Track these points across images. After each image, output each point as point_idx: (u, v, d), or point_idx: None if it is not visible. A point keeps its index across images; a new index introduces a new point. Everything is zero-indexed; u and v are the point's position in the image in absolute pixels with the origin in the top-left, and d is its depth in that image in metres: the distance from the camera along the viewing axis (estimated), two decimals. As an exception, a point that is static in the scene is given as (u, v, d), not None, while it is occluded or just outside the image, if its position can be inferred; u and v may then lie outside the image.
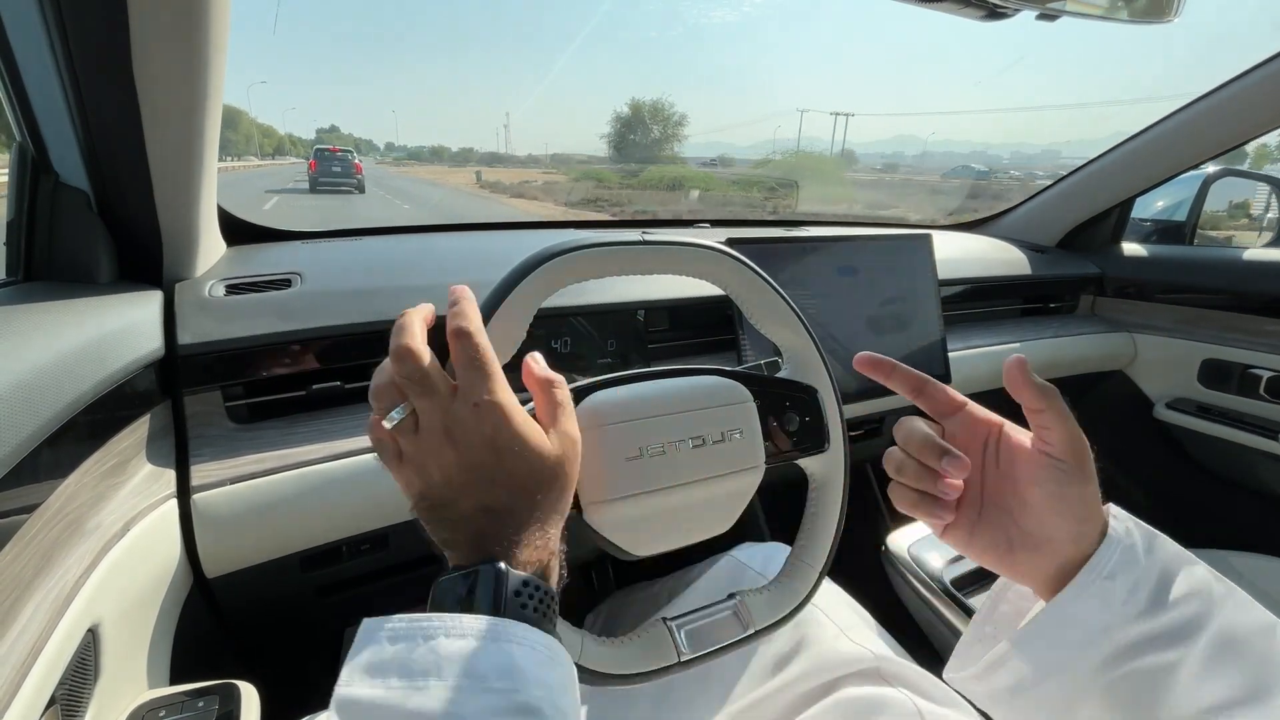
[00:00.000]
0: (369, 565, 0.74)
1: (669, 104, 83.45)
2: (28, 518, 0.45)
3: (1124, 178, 1.35)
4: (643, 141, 77.84)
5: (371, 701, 0.27)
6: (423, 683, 0.28)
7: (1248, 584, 0.99)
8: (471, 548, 0.34)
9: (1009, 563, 0.40)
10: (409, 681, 0.28)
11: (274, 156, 77.46)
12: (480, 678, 0.28)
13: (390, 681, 0.28)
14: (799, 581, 0.54)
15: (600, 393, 0.47)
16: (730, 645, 0.50)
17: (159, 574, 0.57)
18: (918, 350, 1.07)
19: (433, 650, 0.29)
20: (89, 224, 0.62)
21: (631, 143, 78.25)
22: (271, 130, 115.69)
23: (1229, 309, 1.29)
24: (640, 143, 77.68)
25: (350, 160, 20.55)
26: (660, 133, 78.12)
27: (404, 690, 0.27)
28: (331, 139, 75.18)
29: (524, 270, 0.44)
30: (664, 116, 77.77)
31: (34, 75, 0.56)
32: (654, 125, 77.82)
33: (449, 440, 0.34)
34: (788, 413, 0.53)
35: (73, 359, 0.48)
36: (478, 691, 0.28)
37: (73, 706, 0.44)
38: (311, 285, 0.75)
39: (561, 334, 0.83)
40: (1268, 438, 1.18)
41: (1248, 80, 1.09)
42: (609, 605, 0.80)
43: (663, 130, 78.28)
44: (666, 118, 78.09)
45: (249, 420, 0.69)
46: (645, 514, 0.46)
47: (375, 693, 0.27)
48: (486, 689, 0.28)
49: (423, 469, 0.35)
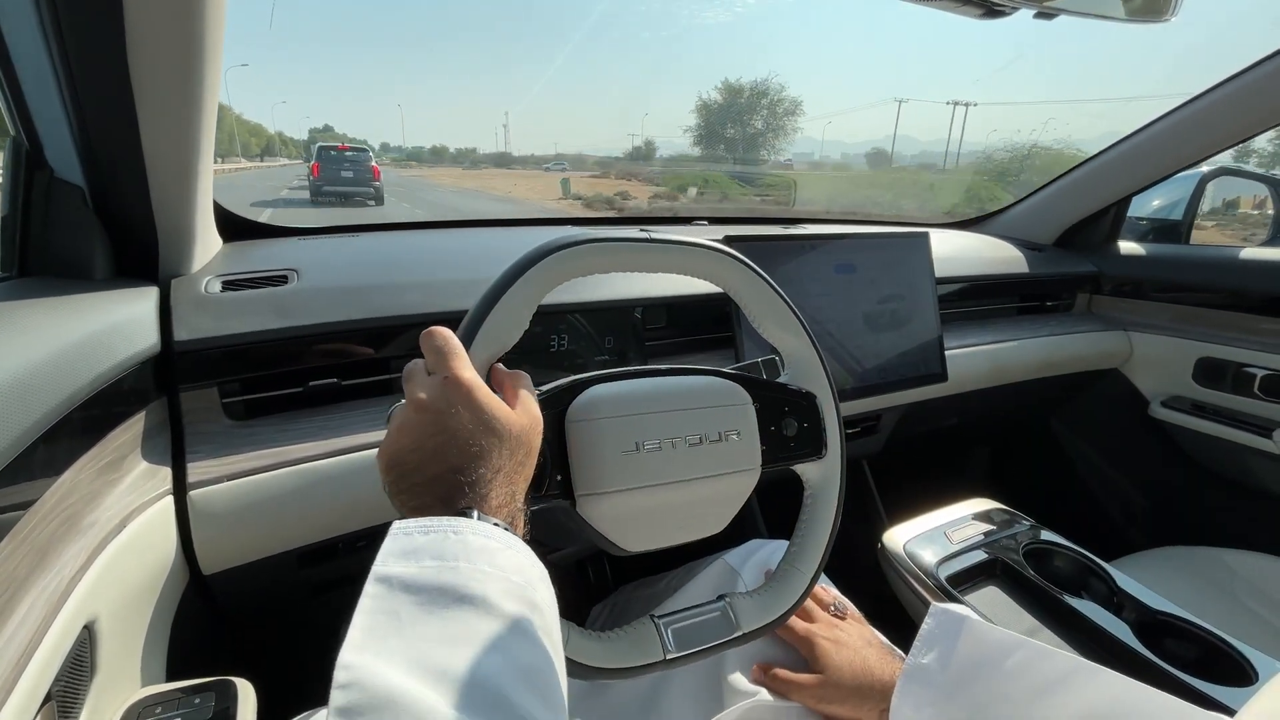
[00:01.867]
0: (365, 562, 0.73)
1: (777, 87, 64.28)
2: (23, 514, 0.44)
3: (1120, 176, 1.35)
4: (738, 137, 63.21)
5: (406, 576, 0.30)
6: (453, 564, 0.31)
7: (1242, 581, 1.00)
8: (444, 506, 0.36)
9: None
10: (441, 562, 0.31)
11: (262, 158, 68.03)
12: (501, 568, 0.32)
13: (424, 562, 0.31)
14: (790, 586, 0.54)
15: (599, 386, 0.47)
16: (717, 646, 0.50)
17: (155, 570, 0.57)
18: (914, 348, 1.07)
19: (462, 542, 0.32)
20: (84, 220, 0.62)
21: (727, 138, 63.76)
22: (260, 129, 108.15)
23: (1224, 307, 1.29)
24: (735, 138, 63.34)
25: (364, 160, 15.89)
26: (764, 124, 62.70)
27: (437, 568, 0.31)
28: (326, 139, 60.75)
29: (528, 262, 0.44)
30: (770, 103, 61.76)
31: (29, 70, 0.56)
32: (756, 116, 62.47)
33: (421, 409, 0.38)
34: (786, 417, 0.53)
35: (68, 355, 0.47)
36: (498, 579, 0.32)
37: (69, 703, 0.44)
38: (308, 282, 0.75)
39: (559, 331, 0.83)
40: (1262, 436, 1.19)
41: (1244, 79, 1.09)
42: (615, 599, 0.80)
43: (768, 121, 62.78)
44: (773, 104, 62.18)
45: (245, 417, 0.69)
46: (638, 509, 0.46)
47: (410, 570, 0.31)
48: (506, 579, 0.32)
49: (398, 439, 0.39)
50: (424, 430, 0.38)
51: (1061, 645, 0.75)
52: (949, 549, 0.87)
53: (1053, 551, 0.89)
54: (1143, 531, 1.45)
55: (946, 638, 0.51)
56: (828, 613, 0.64)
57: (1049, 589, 0.80)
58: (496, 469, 0.38)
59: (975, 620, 0.51)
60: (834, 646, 0.58)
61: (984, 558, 0.86)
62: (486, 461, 0.38)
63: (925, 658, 0.51)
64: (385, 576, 0.30)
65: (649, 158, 71.32)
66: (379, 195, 15.70)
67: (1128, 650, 0.71)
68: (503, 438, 0.39)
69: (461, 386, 0.39)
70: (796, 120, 64.93)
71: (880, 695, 0.54)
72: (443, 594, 0.30)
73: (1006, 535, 0.90)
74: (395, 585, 0.30)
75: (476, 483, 0.37)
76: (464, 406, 0.38)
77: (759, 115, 64.73)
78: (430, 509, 0.36)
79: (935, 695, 0.49)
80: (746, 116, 65.32)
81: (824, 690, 0.55)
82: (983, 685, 0.47)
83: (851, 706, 0.55)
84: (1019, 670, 0.46)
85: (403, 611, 0.29)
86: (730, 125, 66.63)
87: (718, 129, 67.26)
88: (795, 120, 64.87)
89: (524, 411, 0.41)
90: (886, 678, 0.55)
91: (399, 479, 0.38)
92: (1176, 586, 0.93)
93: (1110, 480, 1.50)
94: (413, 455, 0.37)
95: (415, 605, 0.29)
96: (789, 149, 67.87)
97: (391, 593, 0.30)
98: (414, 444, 0.38)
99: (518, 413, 0.41)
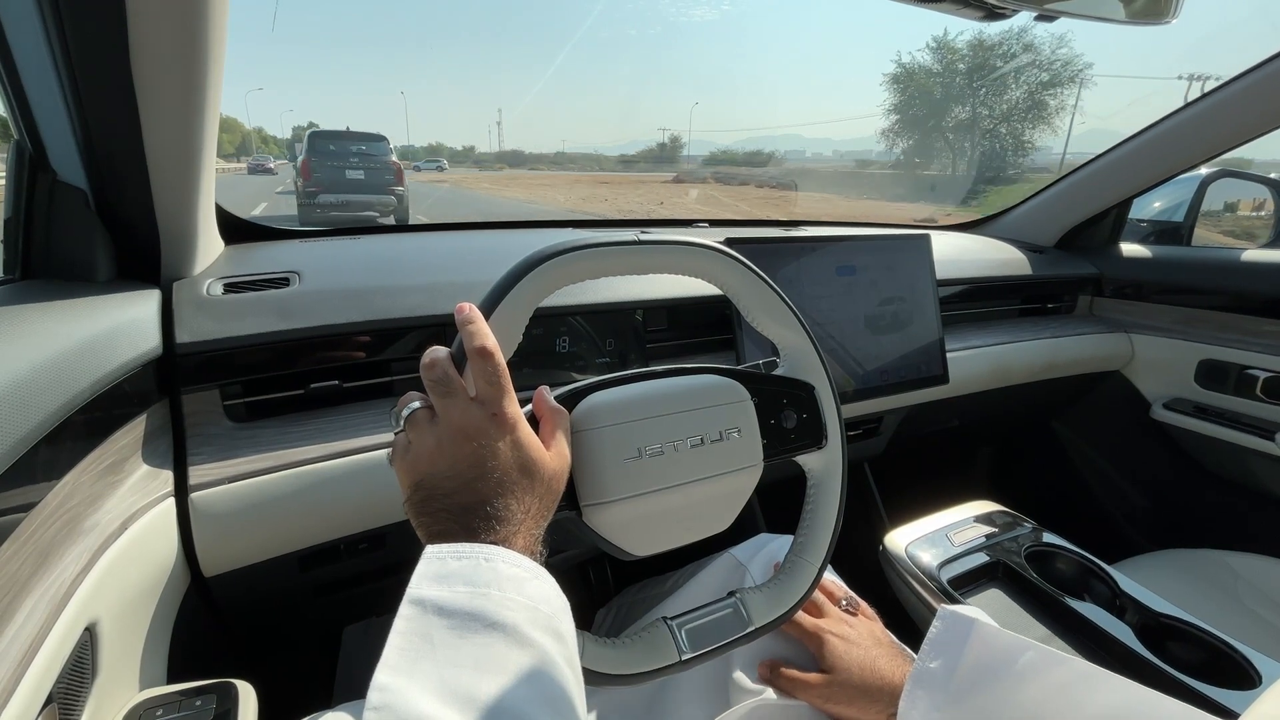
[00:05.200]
0: (367, 564, 0.74)
1: (1052, 40, 35.49)
2: (25, 516, 0.44)
3: (1122, 178, 1.35)
4: (978, 119, 38.21)
5: (440, 600, 0.31)
6: (484, 590, 0.32)
7: (1245, 583, 1.00)
8: (467, 535, 0.36)
9: None
10: (474, 588, 0.32)
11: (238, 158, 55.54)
12: (530, 597, 0.33)
13: (457, 588, 0.32)
14: (798, 578, 0.54)
15: (598, 394, 0.47)
16: (731, 643, 0.50)
17: (156, 573, 0.57)
18: (915, 350, 1.07)
19: (493, 570, 0.33)
20: (87, 222, 0.62)
21: (947, 124, 39.66)
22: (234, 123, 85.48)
23: (1226, 309, 1.29)
24: (968, 122, 38.97)
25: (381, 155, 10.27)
26: (1026, 98, 35.69)
27: (469, 594, 0.32)
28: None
29: (522, 270, 0.43)
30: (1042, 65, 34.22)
31: (32, 73, 0.56)
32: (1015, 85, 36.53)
33: (465, 438, 0.38)
34: (785, 410, 0.53)
35: (70, 357, 0.47)
36: (528, 608, 0.33)
37: (70, 705, 0.44)
38: (310, 284, 0.75)
39: (560, 334, 0.83)
40: (1264, 438, 1.18)
41: (1246, 81, 1.09)
42: (618, 602, 0.80)
43: (1033, 95, 35.44)
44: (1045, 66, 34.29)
45: (247, 419, 0.69)
46: (644, 514, 0.46)
47: (444, 594, 0.31)
48: (535, 609, 0.33)
49: (432, 460, 0.38)
50: (462, 459, 0.38)
51: (1063, 648, 0.74)
52: (951, 551, 0.87)
53: (1055, 554, 0.88)
54: (1145, 534, 1.44)
55: (955, 641, 0.50)
56: (839, 608, 0.63)
57: (1051, 592, 0.80)
58: (526, 509, 0.38)
59: (984, 624, 0.51)
60: (843, 644, 0.57)
61: (986, 560, 0.86)
62: (520, 501, 0.38)
63: (933, 662, 0.51)
64: (420, 599, 0.31)
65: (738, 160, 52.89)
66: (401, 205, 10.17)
67: (1130, 653, 0.71)
68: (535, 480, 0.39)
69: (511, 425, 0.39)
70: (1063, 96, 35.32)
71: (888, 697, 0.54)
72: (474, 619, 0.31)
73: (1008, 538, 0.90)
74: (429, 608, 0.31)
75: (506, 520, 0.37)
76: (508, 446, 0.38)
77: (1019, 83, 36.70)
78: (453, 536, 0.36)
79: (943, 700, 0.48)
80: (974, 92, 39.02)
81: (831, 690, 0.55)
82: (991, 690, 0.47)
83: (859, 707, 0.55)
84: (1027, 675, 0.45)
85: (435, 635, 0.30)
86: (960, 103, 40.21)
87: (941, 104, 41.92)
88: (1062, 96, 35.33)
89: (557, 454, 0.42)
90: (895, 679, 0.55)
91: (426, 500, 0.38)
92: (1179, 589, 0.92)
93: (1112, 482, 1.50)
94: (447, 481, 0.38)
95: (448, 629, 0.30)
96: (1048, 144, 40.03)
97: (425, 615, 0.31)
98: (449, 470, 0.38)
99: (553, 454, 0.41)
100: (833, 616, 0.61)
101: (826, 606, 0.62)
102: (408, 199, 10.56)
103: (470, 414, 0.38)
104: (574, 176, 42.28)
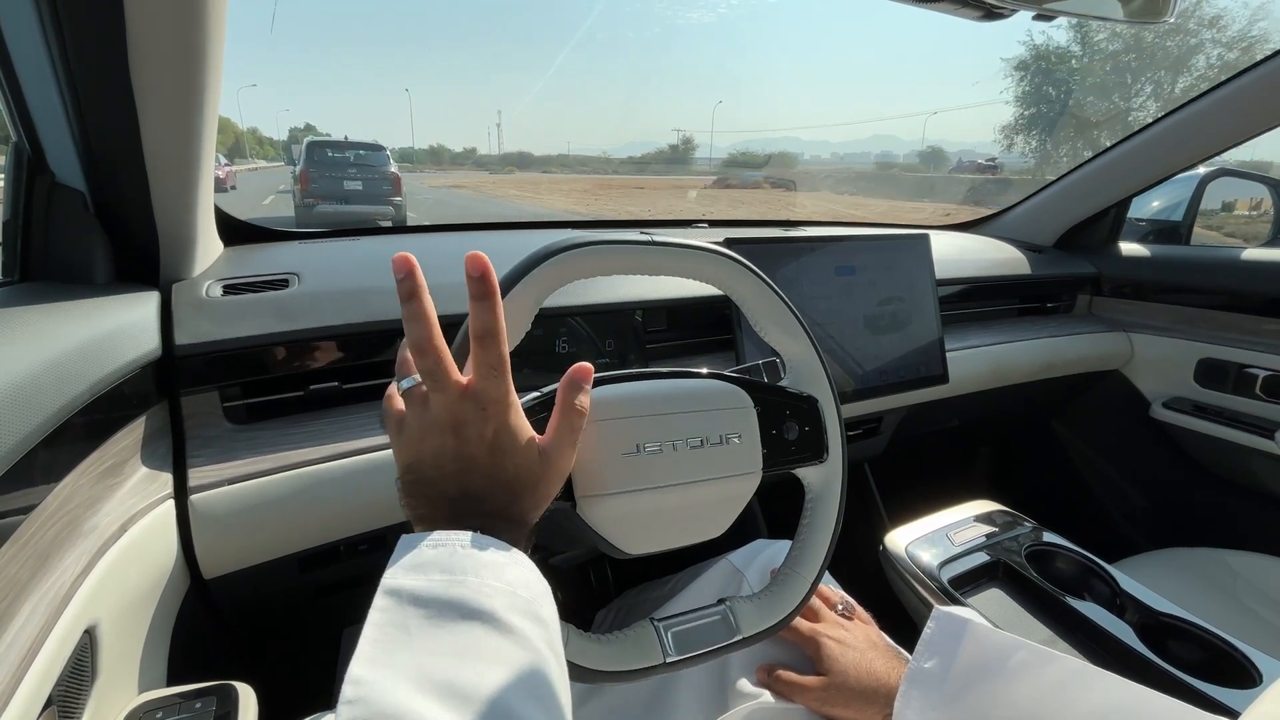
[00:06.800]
0: (367, 565, 0.74)
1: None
2: (24, 519, 0.44)
3: (1121, 178, 1.35)
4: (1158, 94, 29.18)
5: (416, 590, 0.30)
6: (461, 578, 0.31)
7: (1245, 582, 1.00)
8: (449, 524, 0.36)
9: None
10: (450, 576, 0.31)
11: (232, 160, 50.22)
12: (508, 583, 0.32)
13: (433, 576, 0.31)
14: (790, 591, 0.54)
15: (601, 388, 0.47)
16: (717, 650, 0.50)
17: (156, 575, 0.57)
18: (915, 350, 1.07)
19: (470, 556, 0.33)
20: (85, 224, 0.62)
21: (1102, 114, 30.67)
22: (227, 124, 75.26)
23: (1225, 309, 1.29)
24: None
25: (380, 165, 10.50)
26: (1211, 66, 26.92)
27: (445, 582, 0.31)
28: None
29: (531, 264, 0.44)
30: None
31: (30, 75, 0.56)
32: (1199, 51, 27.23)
33: (452, 432, 0.37)
34: (788, 421, 0.53)
35: (69, 360, 0.47)
36: (505, 593, 0.32)
37: (70, 707, 0.44)
38: (309, 285, 0.75)
39: (559, 334, 0.83)
40: (1264, 437, 1.18)
41: (1244, 80, 1.09)
42: (618, 604, 0.80)
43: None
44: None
45: (247, 421, 0.69)
46: (639, 511, 0.46)
47: (419, 583, 0.31)
48: (513, 594, 0.32)
49: (420, 447, 0.38)
50: (447, 451, 0.37)
51: (1064, 647, 0.74)
52: (951, 551, 0.87)
53: (1055, 553, 0.89)
54: (1145, 533, 1.44)
55: (948, 641, 0.51)
56: (835, 612, 0.63)
57: (1051, 591, 0.80)
58: (511, 502, 0.38)
59: (977, 623, 0.51)
60: (839, 647, 0.57)
61: (986, 560, 0.86)
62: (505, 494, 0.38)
63: (928, 662, 0.51)
64: (394, 589, 0.31)
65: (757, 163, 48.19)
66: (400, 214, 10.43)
67: (1130, 652, 0.71)
68: (523, 478, 0.39)
69: (503, 420, 0.38)
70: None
71: (885, 699, 0.54)
72: (451, 608, 0.30)
73: (1008, 537, 0.90)
74: (404, 598, 0.30)
75: (485, 509, 0.37)
76: (498, 441, 0.38)
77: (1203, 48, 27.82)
78: (436, 523, 0.36)
79: (938, 700, 0.49)
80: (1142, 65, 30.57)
81: (827, 693, 0.55)
82: (985, 689, 0.47)
83: (856, 709, 0.55)
84: (1022, 674, 0.46)
85: (411, 625, 0.29)
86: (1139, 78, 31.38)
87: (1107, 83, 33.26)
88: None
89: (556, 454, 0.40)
90: (891, 681, 0.55)
91: (414, 483, 0.38)
92: (1179, 588, 0.92)
93: (1112, 482, 1.50)
94: (432, 470, 0.37)
95: (424, 619, 0.30)
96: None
97: (400, 606, 0.30)
98: (434, 461, 0.37)
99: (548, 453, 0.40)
100: (829, 621, 0.61)
101: (823, 611, 0.62)
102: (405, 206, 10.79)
103: (460, 409, 0.37)
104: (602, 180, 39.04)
